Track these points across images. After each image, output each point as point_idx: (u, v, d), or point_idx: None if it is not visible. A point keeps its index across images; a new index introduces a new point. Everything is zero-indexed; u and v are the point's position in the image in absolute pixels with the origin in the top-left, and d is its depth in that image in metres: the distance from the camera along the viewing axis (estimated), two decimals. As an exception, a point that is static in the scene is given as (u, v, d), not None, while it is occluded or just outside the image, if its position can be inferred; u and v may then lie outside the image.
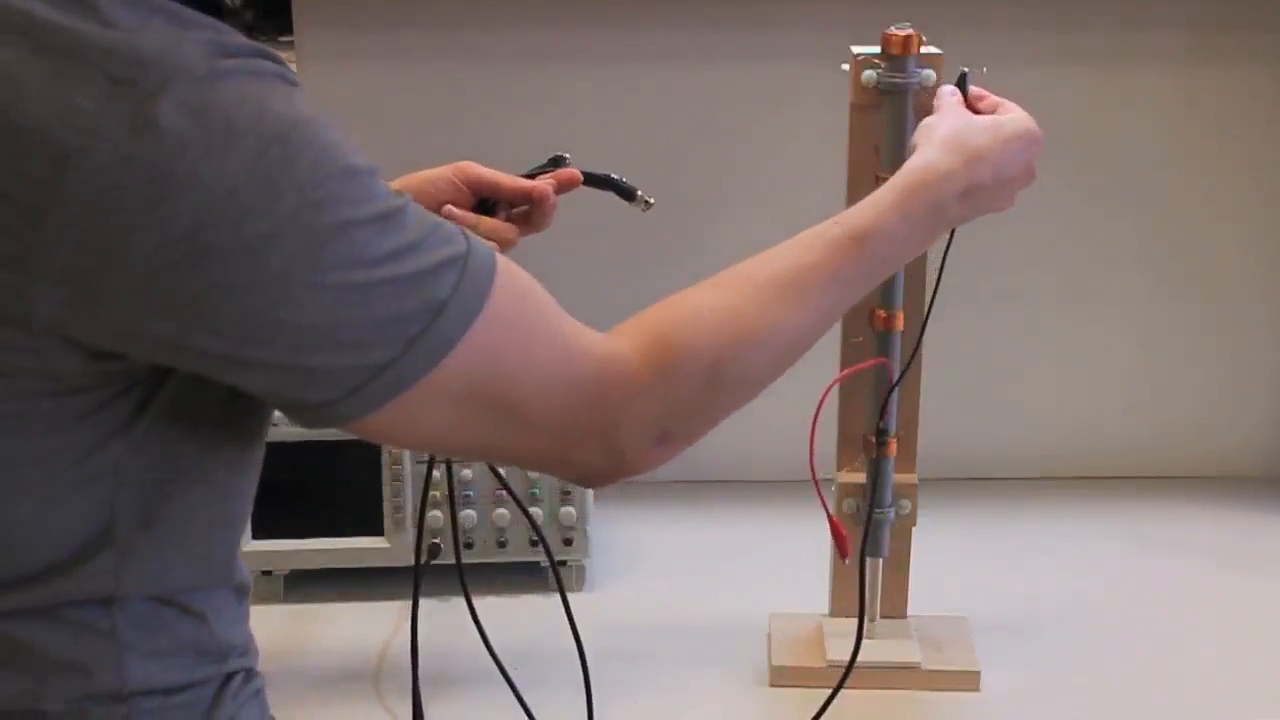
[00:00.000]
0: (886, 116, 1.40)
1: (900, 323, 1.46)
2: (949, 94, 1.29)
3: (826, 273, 1.08)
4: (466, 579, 1.41)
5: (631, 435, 1.00)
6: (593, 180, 1.31)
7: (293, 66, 1.79)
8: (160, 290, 0.85)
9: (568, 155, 1.31)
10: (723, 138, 1.85)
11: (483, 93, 1.82)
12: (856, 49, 1.42)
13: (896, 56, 1.39)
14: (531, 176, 1.29)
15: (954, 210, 1.18)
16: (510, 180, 1.29)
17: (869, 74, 1.40)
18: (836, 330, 1.47)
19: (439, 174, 1.28)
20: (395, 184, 1.26)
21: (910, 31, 1.38)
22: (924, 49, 1.39)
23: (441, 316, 0.90)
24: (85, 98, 0.83)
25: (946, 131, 1.22)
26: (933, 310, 1.48)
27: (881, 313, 1.45)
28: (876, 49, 1.40)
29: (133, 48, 0.84)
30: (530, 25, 1.80)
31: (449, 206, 1.26)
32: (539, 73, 1.82)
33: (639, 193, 1.31)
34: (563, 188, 1.30)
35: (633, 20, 1.81)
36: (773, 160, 1.85)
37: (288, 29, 1.82)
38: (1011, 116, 1.25)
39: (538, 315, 0.97)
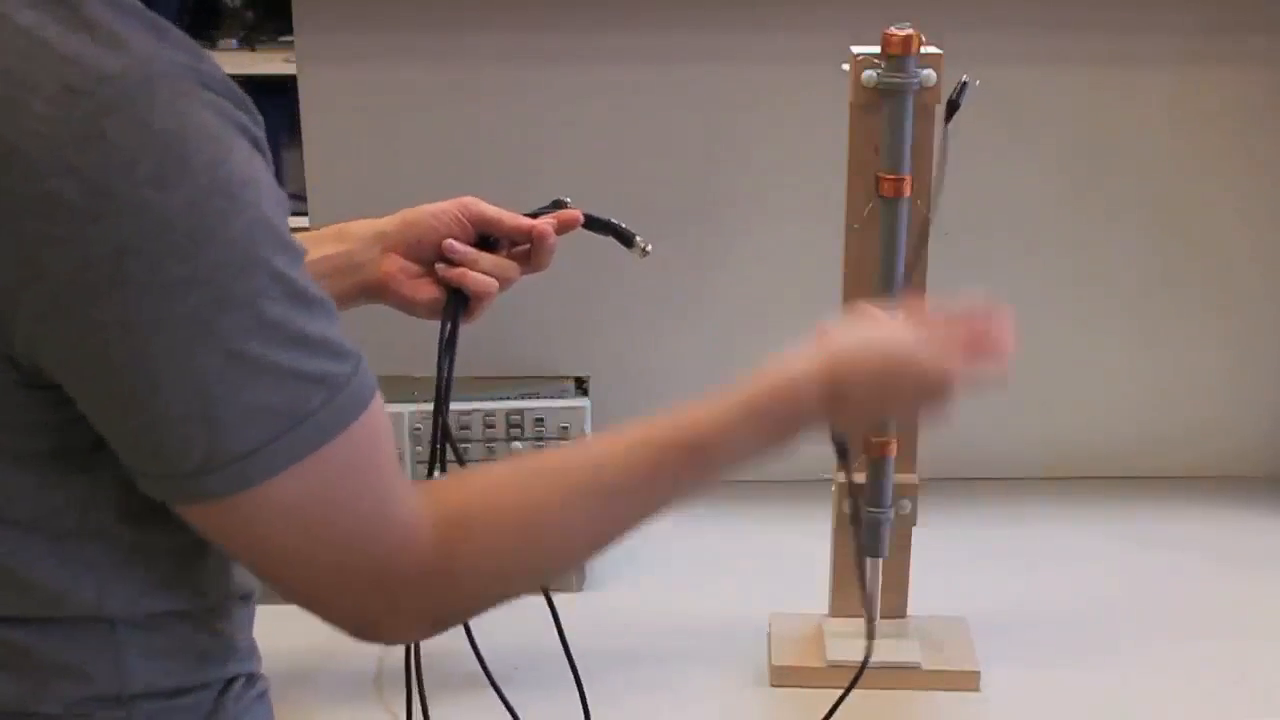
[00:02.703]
0: (886, 116, 1.40)
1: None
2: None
3: (651, 481, 1.03)
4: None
5: (402, 616, 0.98)
6: (593, 223, 1.36)
7: (293, 67, 1.80)
8: (67, 312, 0.83)
9: (569, 199, 1.35)
10: (722, 138, 1.85)
11: (482, 94, 1.82)
12: (856, 49, 1.42)
13: (896, 56, 1.38)
14: (534, 216, 1.33)
15: (815, 423, 1.10)
16: (512, 218, 1.31)
17: (869, 74, 1.40)
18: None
19: (443, 208, 1.30)
20: (400, 215, 1.29)
21: (910, 31, 1.38)
22: (924, 49, 1.39)
23: (301, 427, 0.88)
24: (40, 101, 0.81)
25: (833, 360, 1.08)
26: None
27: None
28: (876, 49, 1.40)
29: (97, 58, 0.82)
30: (530, 27, 1.80)
31: (450, 241, 1.28)
32: (539, 74, 1.82)
33: (638, 239, 1.37)
34: (563, 228, 1.33)
35: (633, 22, 1.81)
36: (772, 160, 1.85)
37: (288, 29, 1.82)
38: (925, 370, 1.11)
39: (378, 466, 0.94)
